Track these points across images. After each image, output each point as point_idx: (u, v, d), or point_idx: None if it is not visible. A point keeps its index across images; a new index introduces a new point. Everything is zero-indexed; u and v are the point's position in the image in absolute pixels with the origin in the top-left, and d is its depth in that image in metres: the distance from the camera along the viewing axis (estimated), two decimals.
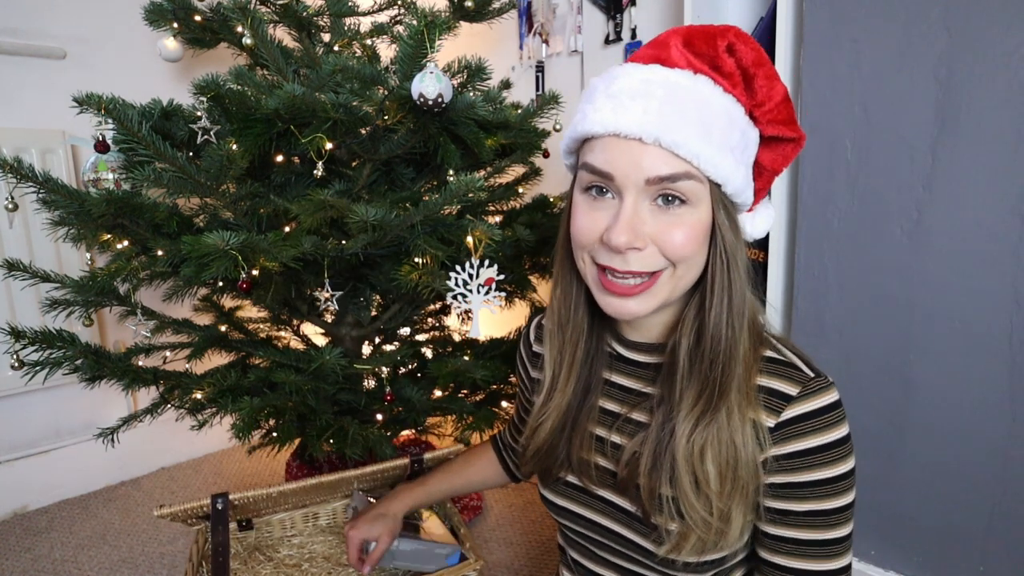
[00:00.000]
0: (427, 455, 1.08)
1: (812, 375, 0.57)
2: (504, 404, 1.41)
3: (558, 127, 1.33)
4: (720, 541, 0.57)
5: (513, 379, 1.37)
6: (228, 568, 0.89)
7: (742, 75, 0.54)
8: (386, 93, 1.07)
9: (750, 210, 0.60)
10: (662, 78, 0.52)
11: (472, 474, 0.95)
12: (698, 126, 0.50)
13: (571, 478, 0.69)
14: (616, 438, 0.65)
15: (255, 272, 0.94)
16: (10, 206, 1.06)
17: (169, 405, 1.25)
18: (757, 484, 0.57)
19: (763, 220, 0.61)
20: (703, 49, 0.53)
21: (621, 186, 0.52)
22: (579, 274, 0.61)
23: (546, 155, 1.35)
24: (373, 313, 1.39)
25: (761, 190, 0.59)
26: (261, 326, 1.53)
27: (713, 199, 0.53)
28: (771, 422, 0.56)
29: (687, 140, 0.50)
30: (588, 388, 0.67)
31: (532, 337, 0.80)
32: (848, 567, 0.59)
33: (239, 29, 1.06)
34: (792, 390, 0.56)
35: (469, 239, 0.99)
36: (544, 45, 1.81)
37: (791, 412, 0.55)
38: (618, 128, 0.51)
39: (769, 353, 0.59)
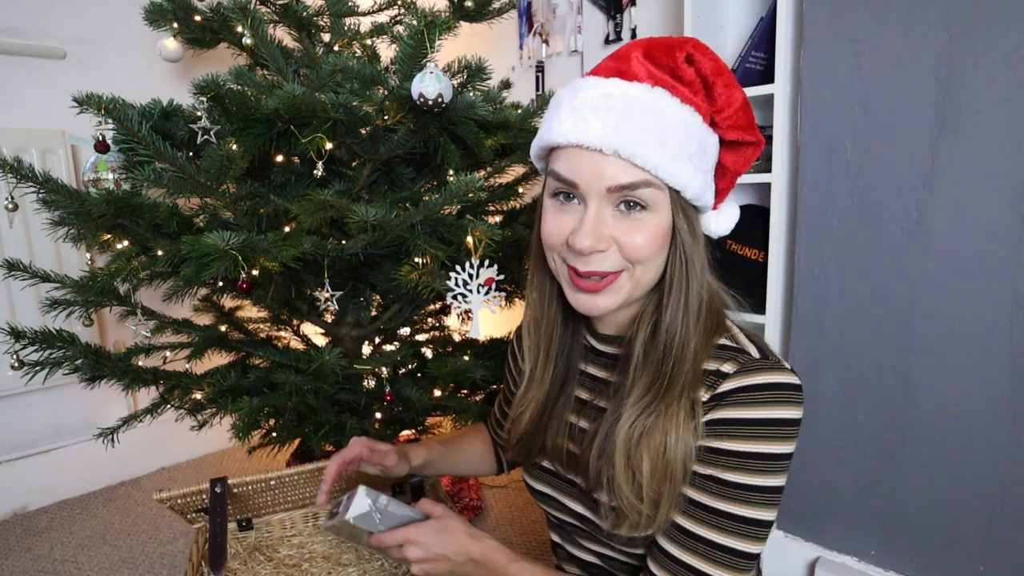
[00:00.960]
0: None
1: (756, 356, 0.59)
2: None
3: None
4: (650, 525, 0.60)
5: None
6: (225, 553, 0.88)
7: (702, 83, 0.56)
8: (386, 93, 1.07)
9: (715, 208, 0.63)
10: (621, 92, 0.55)
11: (472, 447, 0.96)
12: (655, 137, 0.53)
13: (546, 463, 0.74)
14: (583, 423, 0.69)
15: (255, 272, 0.94)
16: (10, 206, 1.06)
17: (169, 405, 1.25)
18: (686, 471, 0.59)
19: (727, 218, 0.64)
20: (663, 60, 0.56)
21: (585, 193, 0.56)
22: (551, 273, 0.65)
23: None
24: (373, 313, 1.39)
25: (724, 189, 0.62)
26: (261, 326, 1.53)
27: (673, 204, 0.57)
28: (706, 396, 0.59)
29: (644, 151, 0.53)
30: (566, 379, 0.71)
31: (524, 331, 0.83)
32: (758, 556, 0.59)
33: (239, 29, 1.06)
34: (730, 369, 0.59)
35: (469, 239, 0.99)
36: (544, 45, 1.81)
37: (724, 387, 0.58)
38: (580, 140, 0.54)
39: (723, 342, 0.61)
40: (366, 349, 1.46)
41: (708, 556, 0.58)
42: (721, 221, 0.63)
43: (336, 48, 1.36)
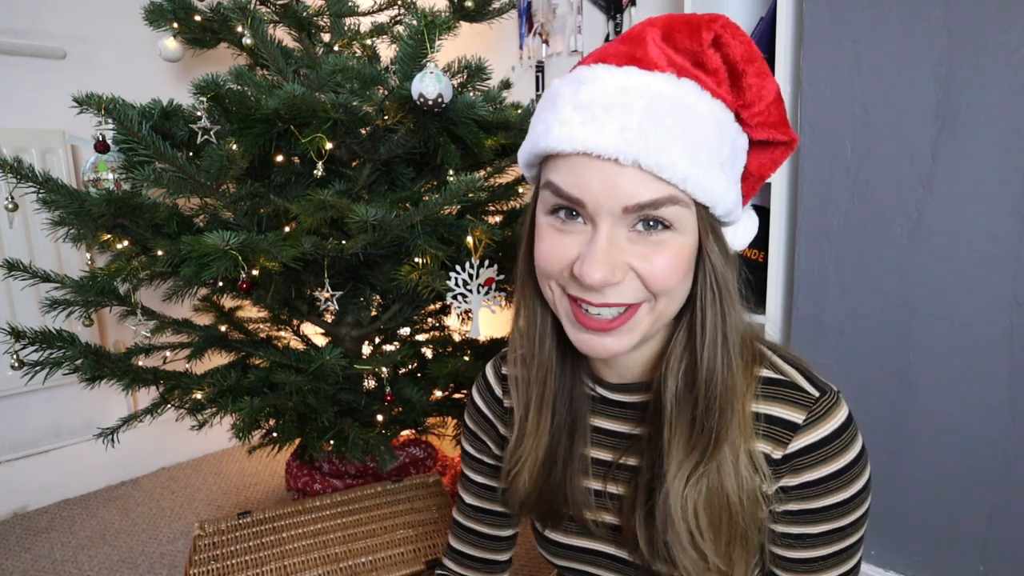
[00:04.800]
0: None
1: (816, 394, 0.51)
2: None
3: None
4: None
5: None
6: None
7: (728, 72, 0.46)
8: (386, 93, 1.08)
9: None
10: (642, 85, 0.43)
11: None
12: (685, 143, 0.43)
13: (567, 539, 0.62)
14: (612, 488, 0.59)
15: (255, 272, 0.94)
16: (10, 206, 1.06)
17: (169, 405, 1.25)
18: (759, 526, 0.52)
19: (746, 232, 0.53)
20: (685, 44, 0.45)
21: (594, 213, 0.45)
22: (544, 301, 0.54)
23: None
24: (373, 313, 1.39)
25: (745, 196, 0.51)
26: (261, 326, 1.53)
27: (701, 223, 0.47)
28: (777, 454, 0.51)
29: (673, 161, 0.42)
30: (573, 433, 0.59)
31: (500, 391, 0.67)
32: (860, 560, 0.57)
33: (239, 29, 1.06)
34: (798, 417, 0.50)
35: (469, 239, 0.99)
36: (544, 45, 1.81)
37: (800, 442, 0.50)
38: (589, 147, 0.43)
39: (765, 373, 0.53)
40: (366, 349, 1.46)
41: None
42: (739, 236, 0.52)
43: (336, 48, 1.36)
